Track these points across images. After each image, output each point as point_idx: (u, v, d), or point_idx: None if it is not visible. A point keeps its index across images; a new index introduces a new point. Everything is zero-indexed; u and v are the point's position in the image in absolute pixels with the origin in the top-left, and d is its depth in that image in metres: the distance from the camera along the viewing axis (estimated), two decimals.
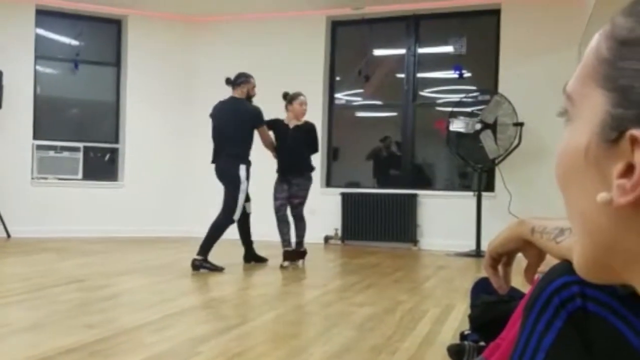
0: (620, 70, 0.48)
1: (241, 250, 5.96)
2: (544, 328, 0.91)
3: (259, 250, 6.00)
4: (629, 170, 0.46)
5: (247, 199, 5.77)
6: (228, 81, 5.81)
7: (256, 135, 5.72)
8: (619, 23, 0.50)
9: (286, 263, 5.69)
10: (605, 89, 0.49)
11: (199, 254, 5.35)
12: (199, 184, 8.55)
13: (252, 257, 5.96)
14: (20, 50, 8.04)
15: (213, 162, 5.71)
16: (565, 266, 0.91)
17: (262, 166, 6.16)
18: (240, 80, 5.76)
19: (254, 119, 5.65)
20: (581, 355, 0.89)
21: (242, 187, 5.52)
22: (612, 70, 0.49)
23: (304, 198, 5.86)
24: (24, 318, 3.36)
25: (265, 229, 6.33)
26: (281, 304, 4.11)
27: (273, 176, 5.99)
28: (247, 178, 5.57)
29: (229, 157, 5.58)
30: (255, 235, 6.05)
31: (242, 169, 5.52)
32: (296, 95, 5.91)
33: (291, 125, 5.91)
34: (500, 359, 1.84)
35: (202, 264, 5.32)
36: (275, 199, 5.84)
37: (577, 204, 0.53)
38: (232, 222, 5.54)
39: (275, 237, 5.87)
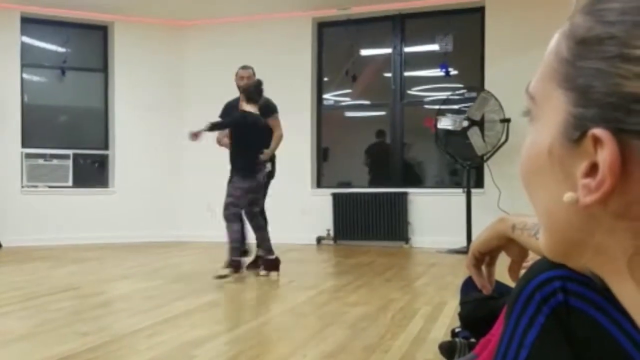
0: (579, 69, 0.48)
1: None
2: (527, 324, 0.93)
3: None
4: (593, 169, 0.46)
5: None
6: None
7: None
8: (577, 22, 0.50)
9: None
10: (565, 88, 0.49)
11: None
12: (189, 189, 8.56)
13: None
14: (6, 59, 7.99)
15: None
16: (547, 262, 0.92)
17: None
18: None
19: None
20: (564, 349, 0.91)
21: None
22: (572, 69, 0.49)
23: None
24: (17, 327, 3.36)
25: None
26: (275, 306, 4.13)
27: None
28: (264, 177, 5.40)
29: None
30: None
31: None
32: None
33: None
34: (490, 355, 1.87)
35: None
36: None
37: (542, 202, 0.53)
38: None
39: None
